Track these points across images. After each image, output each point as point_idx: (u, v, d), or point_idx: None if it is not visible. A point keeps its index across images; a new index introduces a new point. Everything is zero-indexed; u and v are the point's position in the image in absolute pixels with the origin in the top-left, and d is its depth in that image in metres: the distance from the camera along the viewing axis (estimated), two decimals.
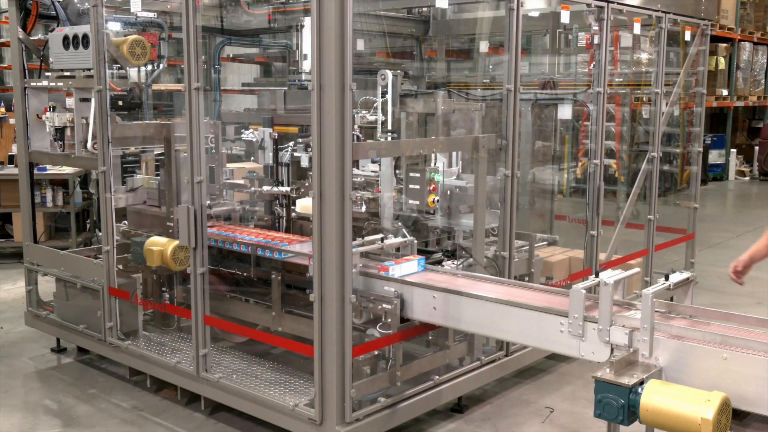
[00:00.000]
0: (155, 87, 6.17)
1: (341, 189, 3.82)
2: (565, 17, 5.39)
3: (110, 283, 5.18)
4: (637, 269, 3.85)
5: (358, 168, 5.21)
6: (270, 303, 4.81)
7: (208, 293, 4.61)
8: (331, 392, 3.97)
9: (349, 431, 4.01)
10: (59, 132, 5.54)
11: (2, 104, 9.77)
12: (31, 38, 5.70)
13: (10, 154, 9.16)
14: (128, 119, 5.49)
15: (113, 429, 4.70)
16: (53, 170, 8.55)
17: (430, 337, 4.63)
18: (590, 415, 3.46)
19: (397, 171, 4.83)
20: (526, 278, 5.32)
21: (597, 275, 3.44)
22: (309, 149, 4.79)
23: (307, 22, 5.51)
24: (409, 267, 4.30)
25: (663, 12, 6.13)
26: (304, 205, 5.00)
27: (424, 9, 7.12)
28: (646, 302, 3.18)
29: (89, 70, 5.03)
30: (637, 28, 6.12)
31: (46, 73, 5.50)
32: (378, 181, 4.84)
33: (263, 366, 4.86)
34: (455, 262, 4.94)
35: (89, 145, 5.15)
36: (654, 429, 3.03)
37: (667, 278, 3.49)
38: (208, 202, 4.74)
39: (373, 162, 5.20)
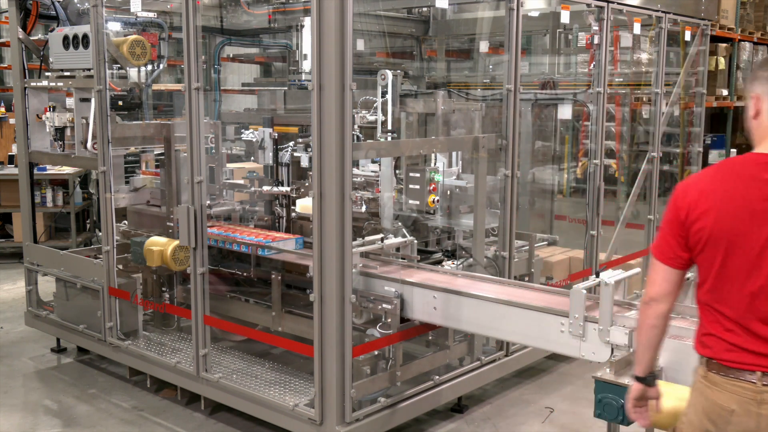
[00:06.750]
0: (155, 87, 6.17)
1: (341, 189, 3.82)
2: (565, 17, 5.39)
3: (110, 283, 5.18)
4: (637, 269, 3.85)
5: (358, 168, 5.21)
6: (270, 303, 4.82)
7: (208, 293, 4.61)
8: (331, 392, 3.97)
9: (349, 431, 4.01)
10: (59, 132, 5.54)
11: (2, 104, 9.76)
12: (31, 38, 5.70)
13: (10, 154, 9.16)
14: (128, 119, 5.49)
15: (113, 429, 4.70)
16: (53, 170, 8.55)
17: (430, 337, 4.62)
18: (590, 415, 3.46)
19: (397, 171, 4.83)
20: (526, 278, 5.32)
21: (597, 275, 3.45)
22: (309, 149, 4.78)
23: (307, 22, 5.50)
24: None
25: (663, 12, 6.12)
26: (304, 205, 5.00)
27: (424, 9, 7.11)
28: None
29: (89, 70, 5.03)
30: (637, 28, 6.11)
31: (46, 73, 5.50)
32: (378, 181, 4.84)
33: (263, 366, 4.85)
34: (455, 262, 4.94)
35: (89, 145, 5.15)
36: (654, 429, 3.03)
37: None
38: (208, 202, 4.74)
39: (373, 162, 5.20)
